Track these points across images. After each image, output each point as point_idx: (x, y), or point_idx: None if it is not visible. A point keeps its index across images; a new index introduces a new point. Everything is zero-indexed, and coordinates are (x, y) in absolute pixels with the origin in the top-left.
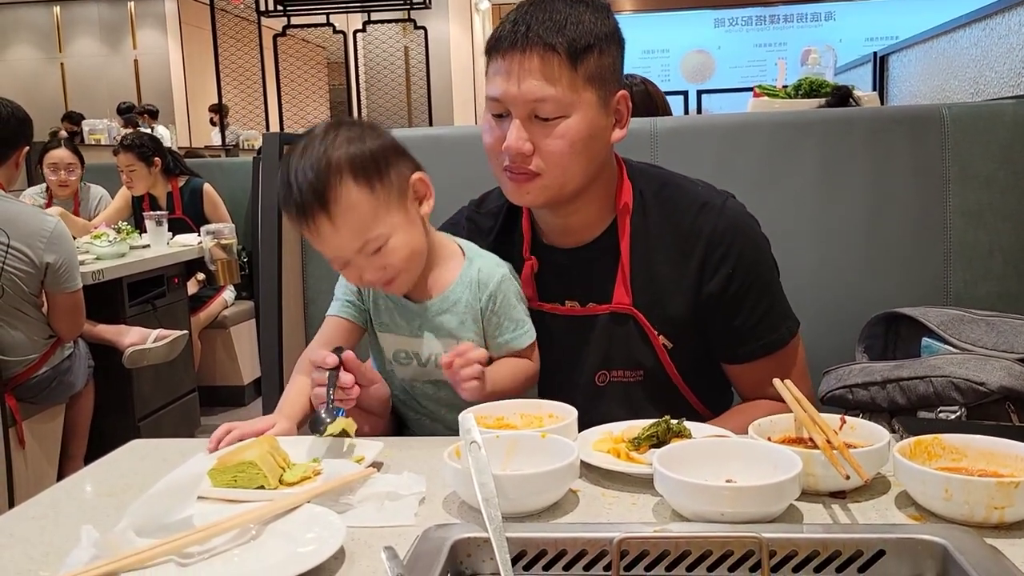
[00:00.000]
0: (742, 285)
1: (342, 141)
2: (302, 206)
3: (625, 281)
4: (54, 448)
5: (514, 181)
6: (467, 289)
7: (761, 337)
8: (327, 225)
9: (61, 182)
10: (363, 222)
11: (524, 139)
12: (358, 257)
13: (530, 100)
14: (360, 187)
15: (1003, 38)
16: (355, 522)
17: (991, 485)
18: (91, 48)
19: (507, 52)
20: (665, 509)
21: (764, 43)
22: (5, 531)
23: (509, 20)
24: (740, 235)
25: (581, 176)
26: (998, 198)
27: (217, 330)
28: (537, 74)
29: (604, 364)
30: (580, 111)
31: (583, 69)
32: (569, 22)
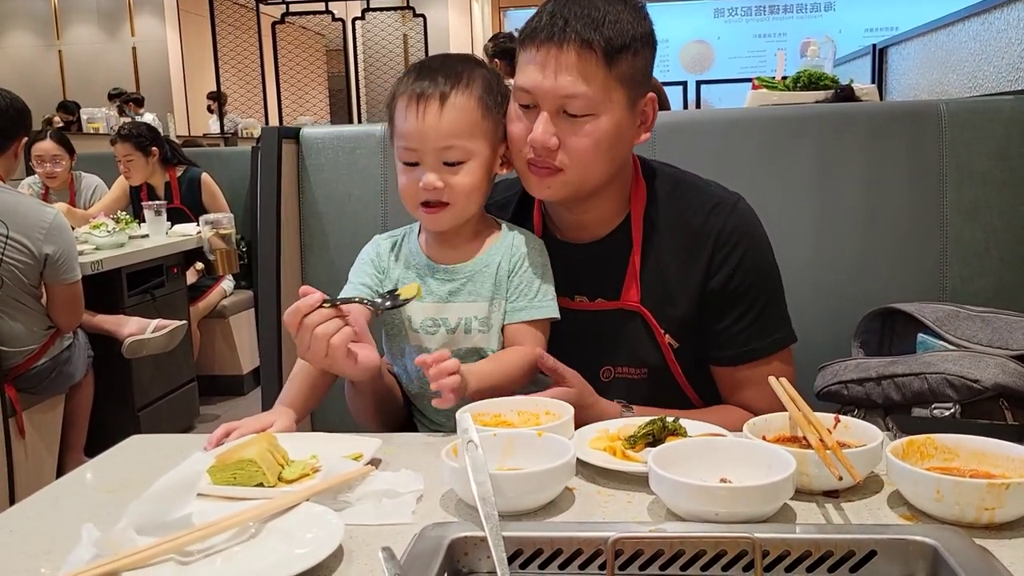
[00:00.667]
0: (740, 286)
1: (481, 71)
2: (424, 87)
3: (636, 279)
4: (54, 438)
5: (536, 175)
6: (501, 254)
7: (747, 343)
8: (435, 110)
9: (48, 174)
10: (463, 126)
11: (551, 133)
12: (434, 159)
13: (561, 95)
14: (477, 103)
15: (1001, 32)
16: (353, 520)
17: (981, 487)
18: (89, 35)
19: (543, 44)
20: (660, 508)
21: (763, 33)
22: (6, 528)
23: (547, 11)
24: (747, 237)
25: (603, 174)
26: (994, 194)
27: (216, 320)
28: (572, 70)
29: (610, 360)
30: (609, 111)
31: (617, 70)
32: (608, 20)
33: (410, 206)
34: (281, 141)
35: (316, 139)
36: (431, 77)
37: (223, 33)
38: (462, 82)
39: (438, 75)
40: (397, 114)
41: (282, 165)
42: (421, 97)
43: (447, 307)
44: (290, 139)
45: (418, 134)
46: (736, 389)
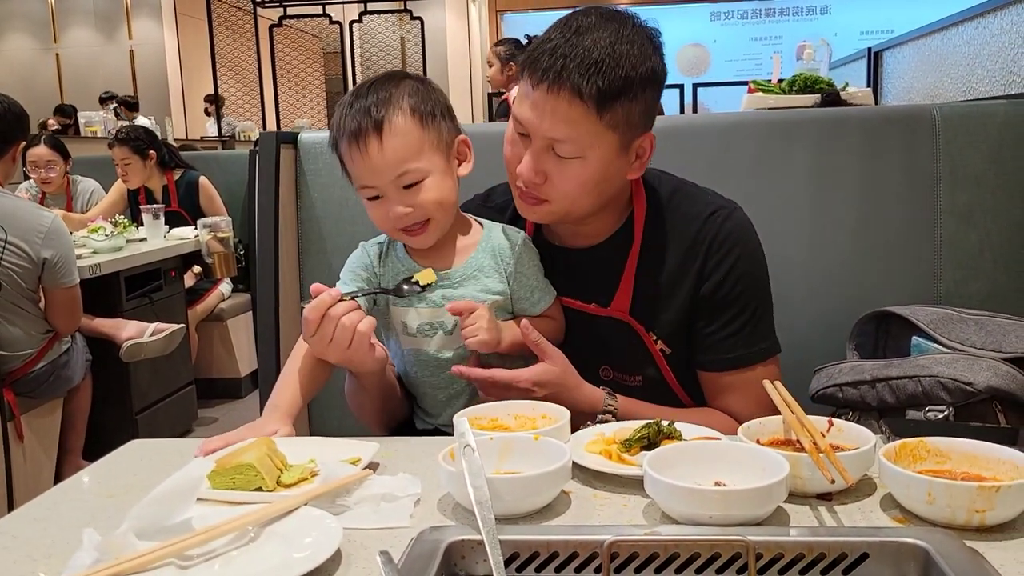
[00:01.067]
0: (729, 293)
1: (406, 83)
2: (357, 126)
3: (627, 289)
4: (52, 442)
5: (524, 201)
6: (488, 255)
7: (731, 349)
8: (375, 145)
9: (42, 179)
10: (408, 150)
11: (537, 170)
12: (393, 188)
13: (549, 137)
14: (413, 119)
15: (995, 37)
16: (351, 524)
17: (972, 489)
18: (86, 38)
19: (539, 83)
20: (655, 511)
21: (760, 36)
22: (7, 532)
23: (549, 45)
24: (740, 244)
25: (589, 207)
26: (988, 198)
27: (214, 323)
28: (561, 115)
29: (607, 361)
30: (596, 153)
31: (609, 116)
32: (607, 65)
33: (391, 234)
34: (279, 146)
35: (314, 144)
36: (361, 110)
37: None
38: (392, 104)
39: (367, 106)
40: (343, 155)
41: (280, 170)
42: (358, 135)
43: (442, 311)
44: (288, 144)
45: (369, 172)
46: (719, 394)
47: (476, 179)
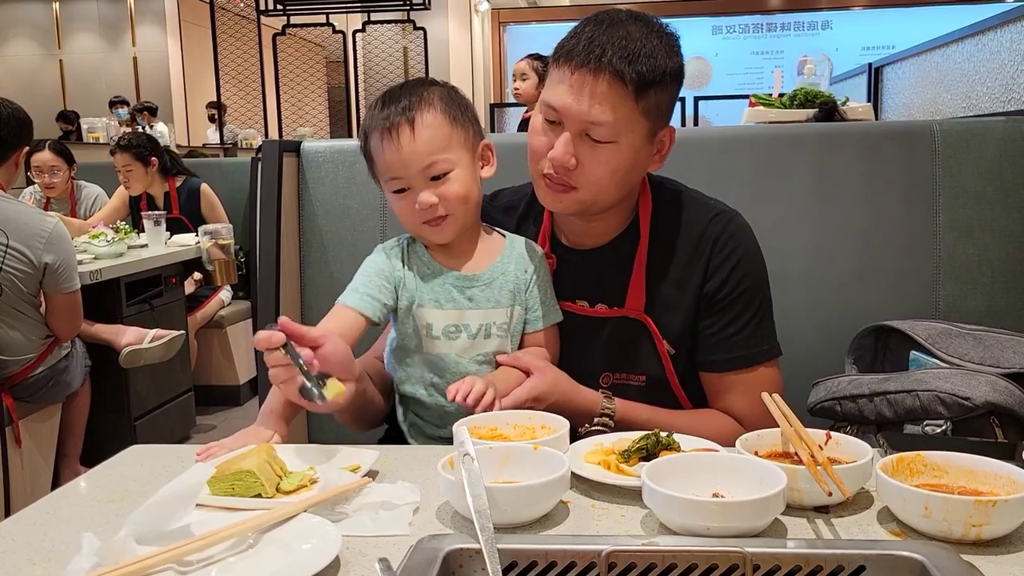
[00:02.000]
0: (732, 291)
1: (437, 87)
2: (390, 119)
3: (639, 287)
4: (50, 447)
5: (551, 189)
6: (513, 262)
7: (733, 350)
8: (408, 135)
9: (46, 184)
10: (438, 142)
11: (570, 154)
12: (421, 179)
13: (587, 120)
14: (444, 115)
15: (995, 54)
16: (350, 531)
17: (969, 503)
18: (90, 45)
19: (577, 68)
20: (653, 521)
21: (761, 51)
22: (7, 536)
23: (585, 35)
24: (741, 246)
25: (615, 196)
26: (987, 213)
27: (214, 330)
28: (602, 98)
29: (609, 366)
30: (629, 140)
31: (644, 103)
32: (643, 54)
33: (412, 228)
34: (282, 154)
35: (316, 152)
36: (393, 106)
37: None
38: (424, 101)
39: (399, 102)
40: (374, 150)
41: (283, 178)
42: (391, 127)
43: (469, 313)
44: (291, 152)
45: (399, 161)
46: (721, 394)
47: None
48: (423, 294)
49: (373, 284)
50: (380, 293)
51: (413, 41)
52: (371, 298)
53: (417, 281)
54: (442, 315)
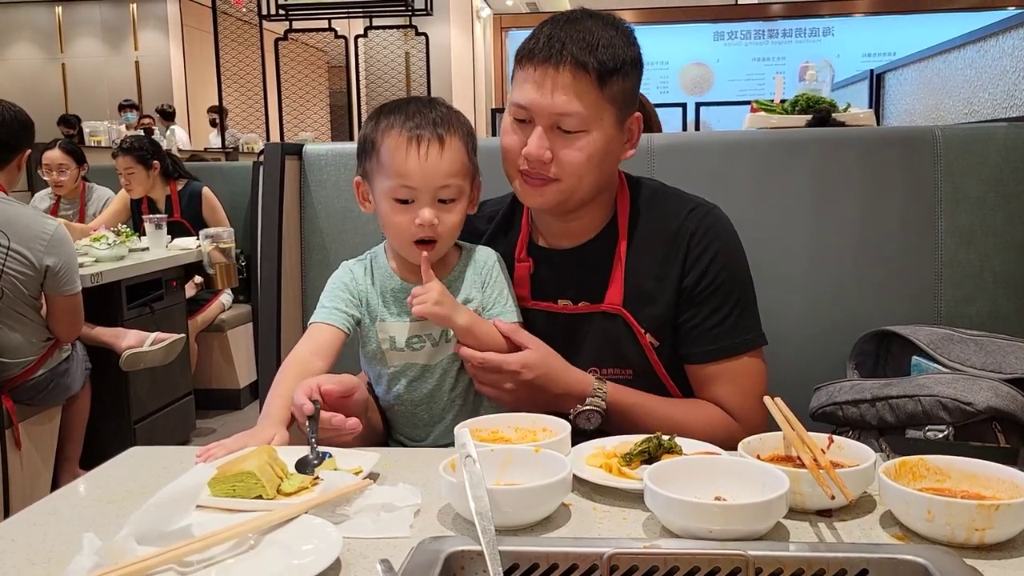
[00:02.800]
0: (711, 283)
1: (460, 114)
2: (421, 129)
3: (619, 282)
4: (50, 450)
5: (530, 184)
6: (469, 268)
7: (716, 340)
8: (436, 150)
9: (55, 182)
10: (458, 167)
11: (545, 147)
12: (429, 196)
13: (556, 112)
14: (464, 144)
15: (996, 60)
16: (351, 533)
17: (972, 507)
18: (92, 49)
19: (540, 64)
20: (655, 524)
21: (762, 57)
22: (7, 536)
23: (544, 34)
24: (719, 238)
25: (592, 186)
26: (989, 219)
27: (214, 333)
28: (567, 89)
29: (595, 361)
30: (600, 128)
31: (608, 90)
32: (601, 44)
33: (402, 242)
34: (284, 157)
35: (319, 155)
36: (424, 118)
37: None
38: (453, 125)
39: (430, 117)
40: (390, 154)
41: (285, 180)
42: (421, 138)
43: (427, 324)
44: (293, 155)
45: (420, 173)
46: (706, 386)
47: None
48: (385, 309)
49: (339, 298)
50: (347, 306)
51: (415, 46)
52: (339, 311)
53: (379, 296)
54: (404, 327)
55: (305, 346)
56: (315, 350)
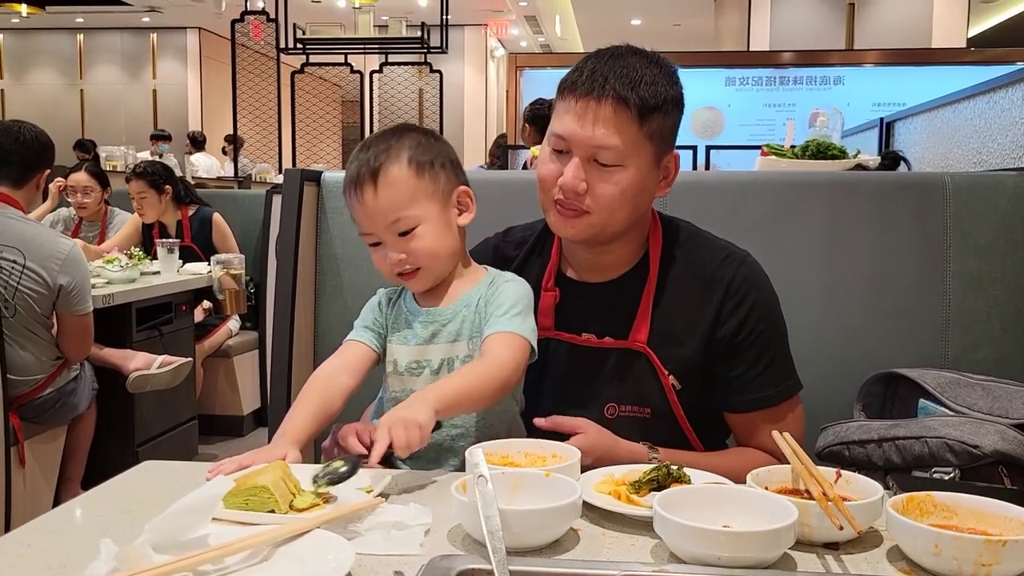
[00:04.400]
0: (751, 334)
1: (410, 135)
2: (357, 174)
3: (646, 319)
4: (53, 469)
5: (563, 215)
6: (480, 292)
7: (760, 390)
8: (371, 192)
9: (79, 204)
10: (401, 198)
11: (581, 179)
12: (388, 234)
13: (595, 145)
14: (408, 168)
15: (1006, 112)
16: (362, 549)
17: (979, 542)
18: (111, 76)
19: (582, 96)
20: (663, 551)
21: (773, 103)
22: (23, 542)
23: (587, 67)
24: (756, 288)
25: (625, 221)
26: (997, 266)
27: (220, 359)
28: (607, 123)
29: (614, 397)
30: (636, 164)
31: (648, 127)
32: (644, 81)
33: (389, 278)
34: (303, 183)
35: (336, 183)
36: (362, 156)
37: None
38: (390, 153)
39: (368, 152)
40: (348, 204)
41: (302, 206)
42: (356, 181)
43: (429, 349)
44: (312, 181)
45: (365, 217)
46: (753, 433)
47: (492, 222)
48: (394, 331)
49: (367, 319)
50: (375, 325)
51: (429, 83)
52: (368, 330)
53: (393, 319)
54: (407, 351)
55: (335, 361)
56: (344, 366)
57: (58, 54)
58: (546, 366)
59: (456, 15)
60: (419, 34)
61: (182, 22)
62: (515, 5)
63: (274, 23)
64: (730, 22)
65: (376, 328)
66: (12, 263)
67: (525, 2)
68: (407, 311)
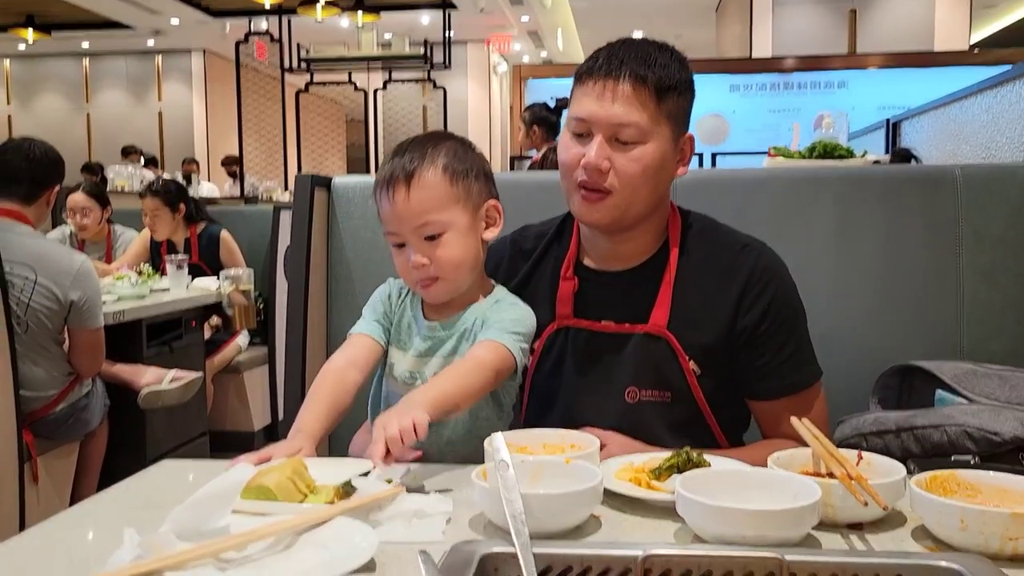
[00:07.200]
0: (773, 323)
1: (446, 143)
2: (390, 174)
3: (664, 305)
4: (66, 485)
5: (587, 200)
6: (478, 312)
7: (785, 376)
8: (403, 193)
9: (79, 225)
10: (433, 202)
11: (604, 156)
12: (415, 237)
13: (615, 123)
14: (443, 174)
15: (1014, 105)
16: (384, 537)
17: (1006, 516)
18: (117, 99)
19: (600, 78)
20: (686, 534)
21: (778, 108)
22: (50, 536)
23: (603, 54)
24: (776, 277)
25: (646, 201)
26: (1010, 257)
27: (230, 375)
28: (627, 99)
29: (634, 381)
30: (656, 141)
31: (665, 105)
32: (659, 63)
33: (409, 283)
34: (314, 188)
35: (347, 187)
36: (398, 159)
37: (248, 100)
38: (426, 158)
39: (404, 156)
40: (377, 200)
41: (314, 211)
42: (390, 181)
43: (424, 363)
44: (322, 187)
45: (393, 217)
46: (779, 422)
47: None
48: (397, 334)
49: (377, 311)
50: (383, 319)
51: (432, 99)
52: (377, 323)
53: (400, 320)
54: (404, 359)
55: (341, 356)
56: (351, 360)
57: (64, 79)
58: (565, 353)
59: (459, 32)
60: (422, 51)
61: (187, 44)
62: (517, 20)
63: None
64: (732, 31)
65: (384, 323)
66: (24, 279)
67: (527, 17)
68: (411, 317)
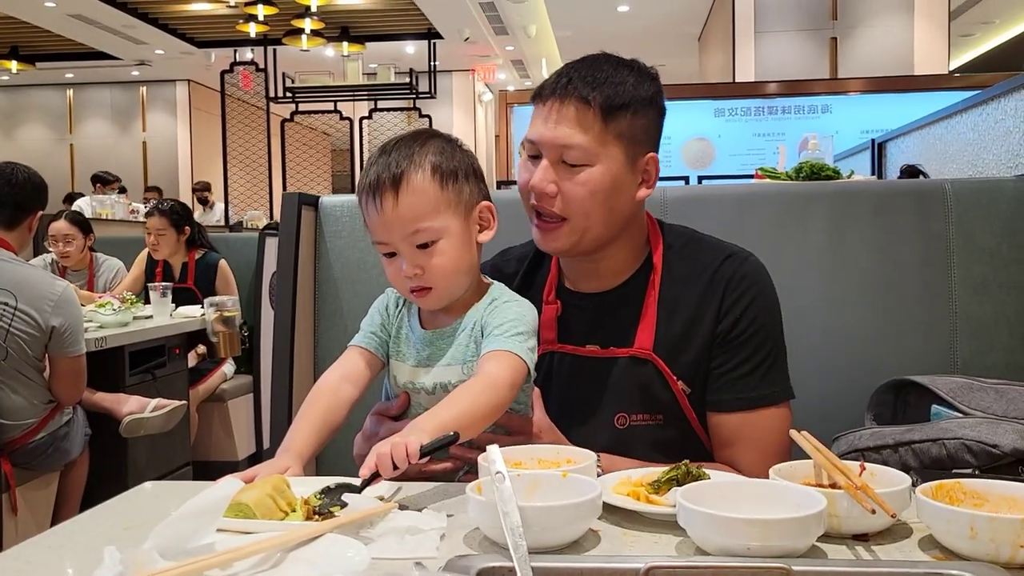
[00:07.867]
0: (745, 331)
1: (432, 142)
2: (376, 180)
3: (649, 327)
4: (46, 516)
5: (540, 228)
6: (476, 315)
7: (745, 391)
8: (391, 201)
9: (61, 253)
10: (423, 209)
11: (549, 180)
12: (406, 246)
13: (559, 144)
14: (432, 179)
15: (999, 122)
16: (377, 554)
17: (1017, 522)
18: (101, 130)
19: (547, 99)
20: (688, 547)
21: (763, 132)
22: (22, 558)
23: (556, 73)
24: (755, 285)
25: (603, 225)
26: (1002, 270)
27: (214, 404)
28: (570, 122)
29: (623, 407)
30: (604, 163)
31: (614, 125)
32: (609, 81)
33: (402, 292)
34: (301, 207)
35: (334, 207)
36: (383, 160)
37: (233, 130)
38: (413, 161)
39: (389, 160)
40: (362, 209)
41: (300, 231)
42: (376, 187)
43: (424, 371)
44: (309, 206)
45: (382, 226)
46: (730, 441)
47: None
48: (398, 343)
49: (375, 323)
50: (381, 331)
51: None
52: (375, 335)
53: (396, 329)
54: (404, 369)
55: (336, 371)
56: (346, 375)
57: (48, 110)
58: (550, 380)
59: (444, 61)
60: (407, 80)
61: (171, 75)
62: (502, 50)
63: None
64: (715, 60)
65: (382, 335)
66: (4, 305)
67: (512, 47)
68: (408, 327)
